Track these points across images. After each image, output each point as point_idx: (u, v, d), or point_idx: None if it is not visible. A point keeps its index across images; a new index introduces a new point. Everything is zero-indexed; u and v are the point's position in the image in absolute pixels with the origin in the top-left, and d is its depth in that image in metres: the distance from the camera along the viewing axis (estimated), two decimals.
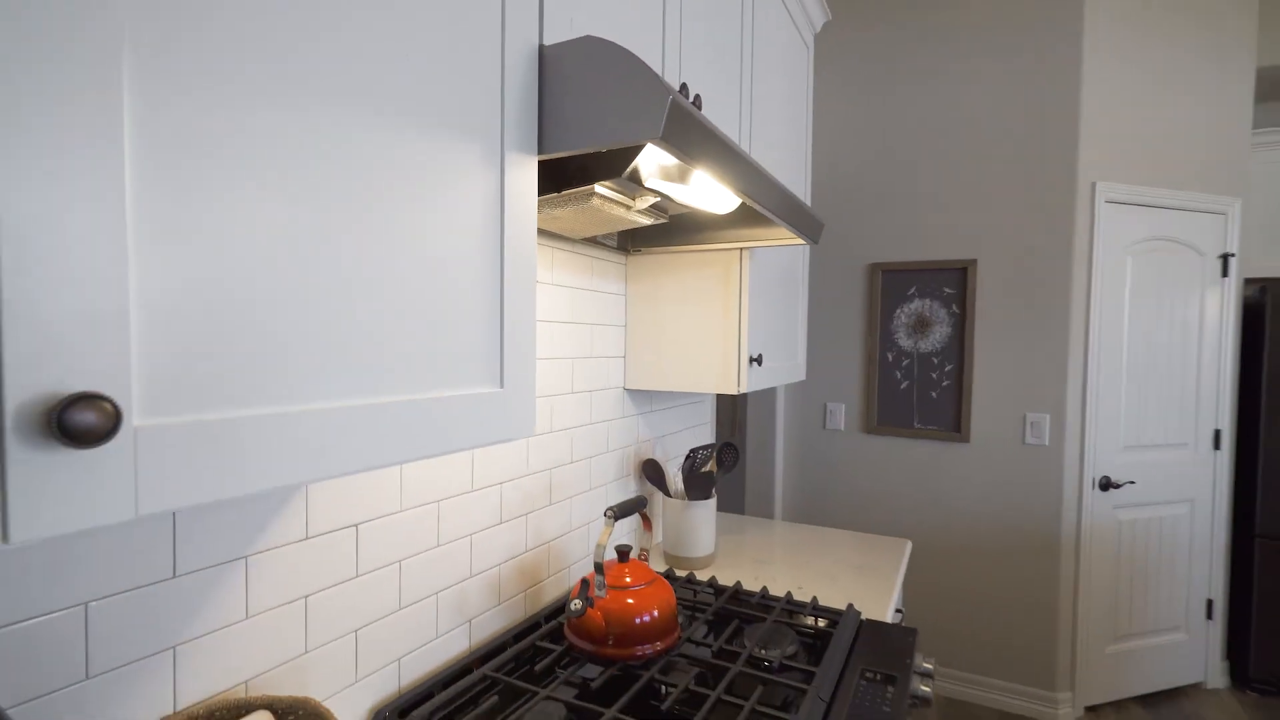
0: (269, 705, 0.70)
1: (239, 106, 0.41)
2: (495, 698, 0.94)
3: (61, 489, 0.33)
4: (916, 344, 2.62)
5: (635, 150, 0.82)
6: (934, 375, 2.59)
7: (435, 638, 1.01)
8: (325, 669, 0.84)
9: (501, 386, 0.66)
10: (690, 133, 0.69)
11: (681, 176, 0.95)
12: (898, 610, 1.46)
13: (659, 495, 1.71)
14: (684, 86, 0.97)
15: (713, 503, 1.57)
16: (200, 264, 0.40)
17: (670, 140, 0.65)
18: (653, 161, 0.90)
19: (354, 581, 0.87)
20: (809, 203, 2.45)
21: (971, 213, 2.51)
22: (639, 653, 1.02)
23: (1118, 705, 2.52)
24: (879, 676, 1.03)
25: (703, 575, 1.49)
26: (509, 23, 0.64)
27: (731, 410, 3.17)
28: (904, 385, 2.64)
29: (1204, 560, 2.63)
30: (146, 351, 0.37)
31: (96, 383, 0.34)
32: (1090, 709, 2.48)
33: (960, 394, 2.53)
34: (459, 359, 0.61)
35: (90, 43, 0.34)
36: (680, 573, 1.48)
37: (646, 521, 1.19)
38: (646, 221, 1.10)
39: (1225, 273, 2.59)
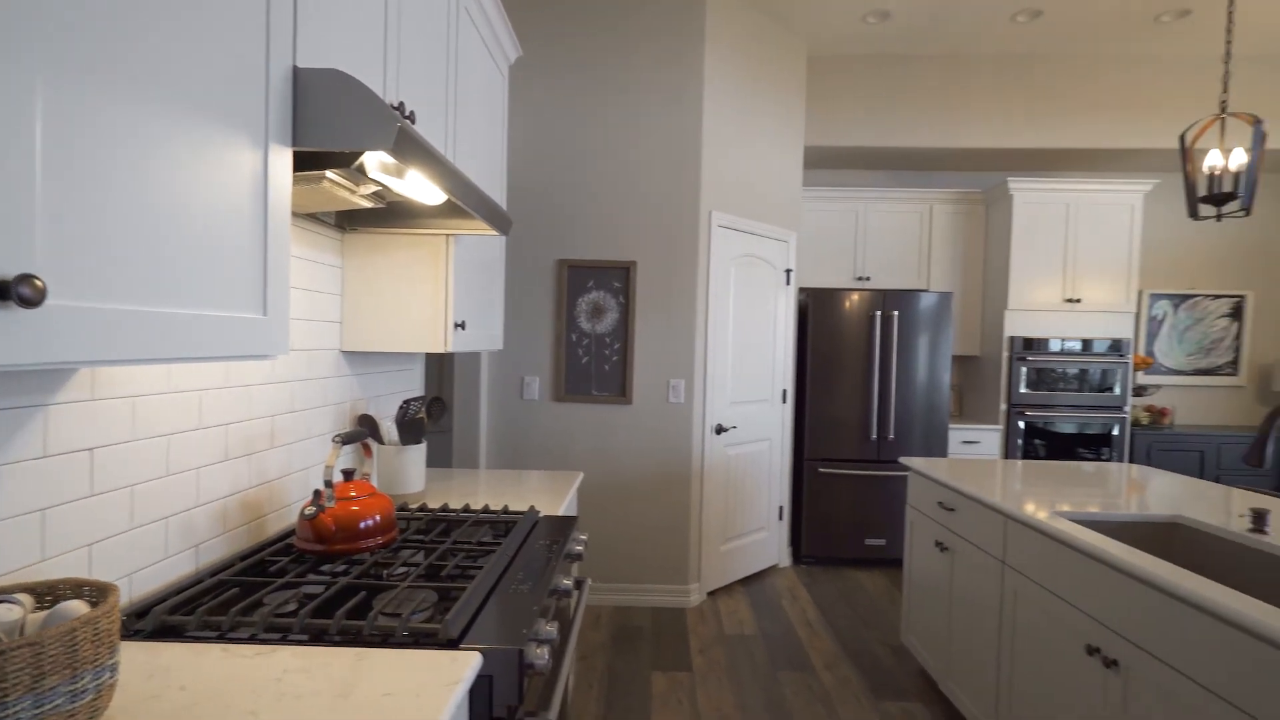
0: (27, 589, 0.81)
1: (119, 99, 0.62)
2: (235, 590, 1.11)
3: (10, 335, 0.53)
4: (594, 327, 3.24)
5: (366, 150, 1.10)
6: (607, 352, 3.24)
7: (165, 557, 1.13)
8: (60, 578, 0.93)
9: (265, 314, 0.90)
10: (410, 146, 1.02)
11: (399, 173, 1.25)
12: (573, 516, 1.96)
13: (374, 445, 1.92)
14: (402, 104, 1.27)
15: (423, 447, 1.87)
16: (72, 200, 0.60)
17: (396, 150, 0.97)
18: (376, 159, 1.19)
19: (89, 500, 0.97)
20: (505, 204, 2.87)
21: (632, 224, 3.23)
22: (364, 546, 1.28)
23: (728, 588, 3.52)
24: (549, 543, 1.48)
25: (414, 506, 1.77)
26: (272, 49, 0.89)
27: (439, 382, 3.42)
28: (585, 361, 3.25)
29: (778, 480, 3.82)
30: (46, 256, 0.57)
31: (25, 269, 0.55)
32: (711, 593, 3.43)
33: (625, 367, 3.24)
34: (235, 287, 0.84)
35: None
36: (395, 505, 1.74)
37: (367, 449, 1.44)
38: (368, 205, 1.37)
39: (788, 282, 3.81)
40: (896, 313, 3.85)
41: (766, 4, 3.45)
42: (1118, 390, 4.00)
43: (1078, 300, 4.03)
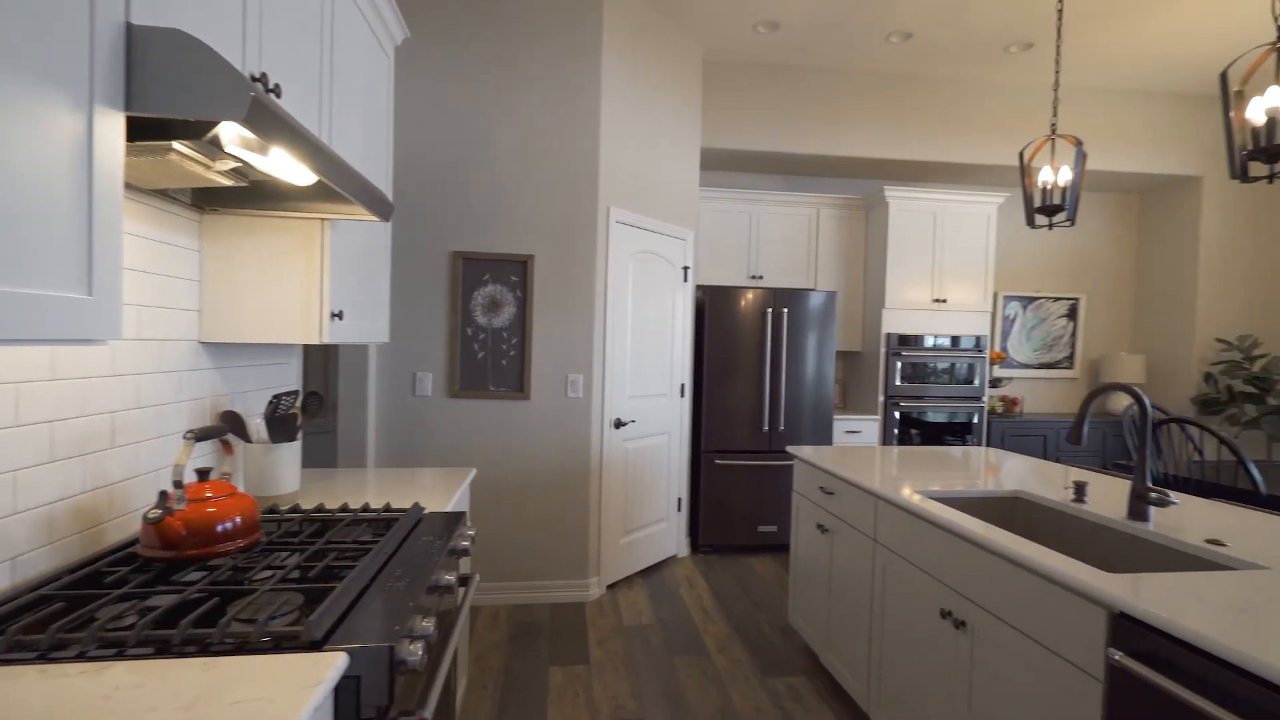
0: None
1: None
2: (60, 605, 0.99)
3: None
4: (491, 321, 3.18)
5: (217, 120, 1.02)
6: (504, 347, 3.19)
7: None
8: None
9: (90, 294, 0.81)
10: (269, 120, 0.95)
11: (262, 149, 1.17)
12: (460, 512, 1.91)
13: (238, 443, 1.78)
14: (264, 75, 1.18)
15: (297, 445, 1.75)
16: None
17: (251, 123, 0.90)
18: (234, 132, 1.10)
19: None
20: (391, 191, 2.75)
21: (531, 218, 3.19)
22: (223, 550, 1.19)
23: (628, 580, 3.56)
24: (432, 539, 1.44)
25: (286, 507, 1.66)
26: (98, 2, 0.80)
27: (324, 378, 3.22)
28: (481, 355, 3.17)
29: (677, 472, 3.91)
30: None
31: None
32: (611, 586, 3.45)
33: (523, 361, 3.19)
34: (52, 262, 0.75)
35: None
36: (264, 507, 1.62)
37: (227, 447, 1.34)
38: (226, 183, 1.26)
39: (686, 279, 3.90)
40: (786, 310, 4.05)
41: (664, 3, 3.52)
42: (977, 382, 4.43)
43: (944, 300, 4.42)
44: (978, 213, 4.45)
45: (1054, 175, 2.25)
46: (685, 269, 3.89)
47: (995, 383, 5.02)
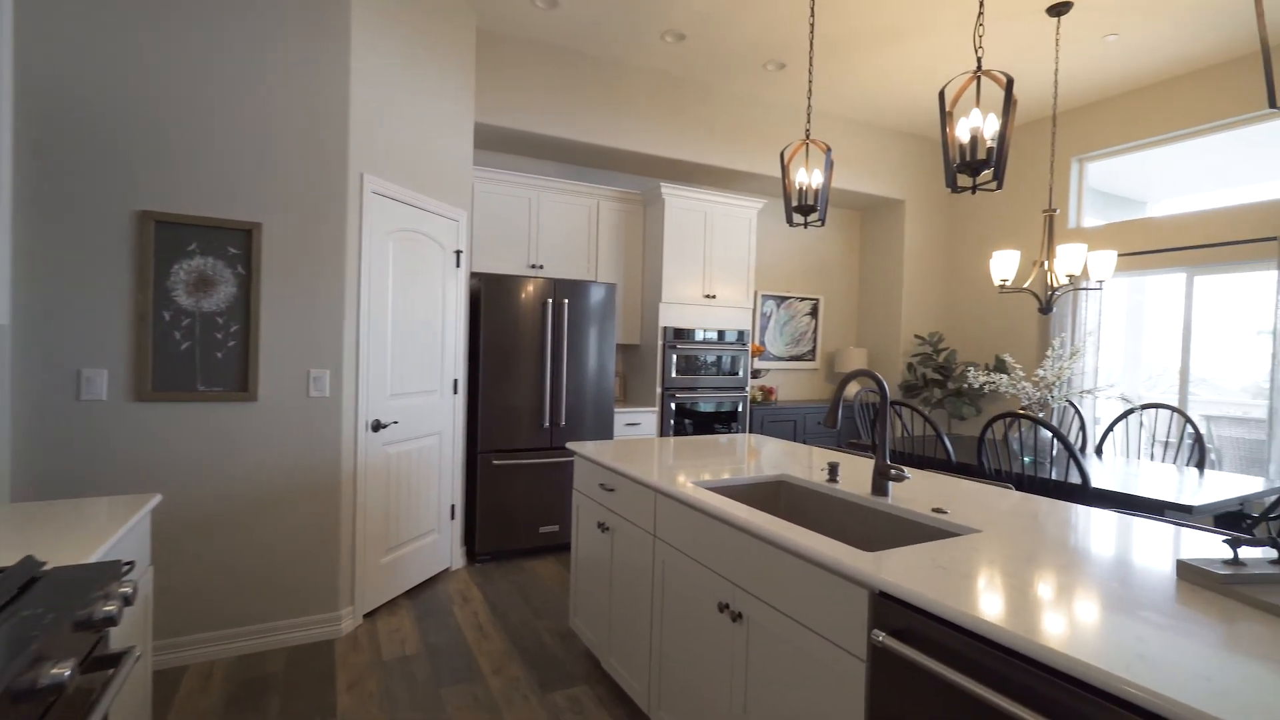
0: None
1: None
2: None
3: None
4: (199, 303, 2.51)
5: None
6: (219, 336, 2.54)
7: None
8: None
9: None
10: None
11: None
12: (116, 562, 1.39)
13: None
14: None
15: None
16: None
17: None
18: None
19: None
20: (11, 117, 2.03)
21: (258, 178, 2.58)
22: None
23: (391, 604, 3.12)
24: (44, 611, 0.97)
25: None
26: None
27: None
28: (186, 346, 2.49)
29: (449, 476, 3.55)
30: None
31: None
32: (368, 615, 2.98)
33: (247, 354, 2.58)
34: None
35: None
36: None
37: None
38: None
39: (459, 265, 3.55)
40: (568, 301, 3.92)
41: None
42: (741, 374, 4.78)
43: (714, 297, 4.68)
44: (741, 216, 4.79)
45: (808, 177, 2.43)
46: (458, 253, 3.54)
47: (755, 374, 5.50)
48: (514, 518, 3.80)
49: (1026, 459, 3.30)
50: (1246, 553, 1.30)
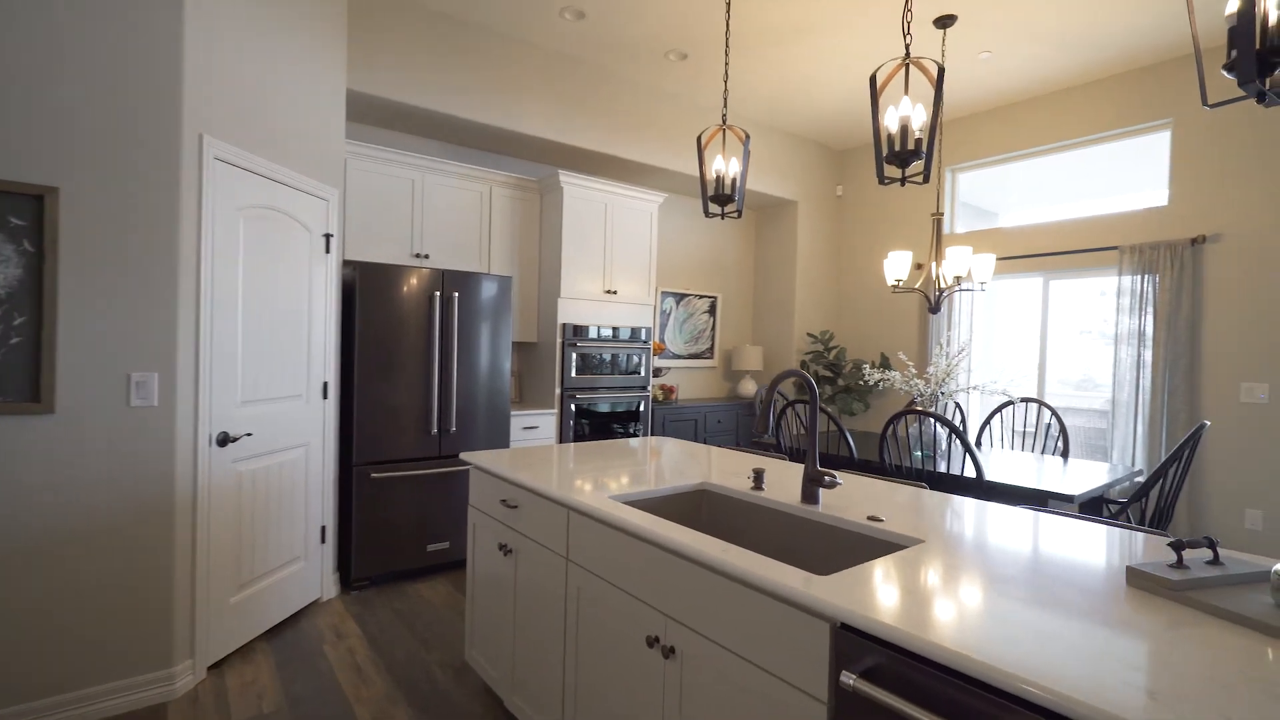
0: None
1: None
2: None
3: None
4: None
5: None
6: None
7: None
8: None
9: None
10: None
11: None
12: None
13: None
14: None
15: None
16: None
17: None
18: None
19: None
20: None
21: (52, 129, 2.03)
22: None
23: (245, 650, 2.63)
24: None
25: None
26: None
27: None
28: None
29: (319, 494, 3.08)
30: None
31: None
32: (215, 666, 2.49)
33: (39, 352, 2.03)
34: None
35: None
36: None
37: None
38: None
39: (329, 250, 3.09)
40: (458, 295, 3.56)
41: None
42: (643, 373, 4.63)
43: (615, 292, 4.49)
44: (643, 209, 4.64)
45: (726, 165, 2.29)
46: (328, 237, 3.08)
47: (657, 372, 5.38)
48: (397, 536, 3.38)
49: (919, 454, 3.41)
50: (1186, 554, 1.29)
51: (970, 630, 0.94)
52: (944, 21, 3.70)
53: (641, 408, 4.62)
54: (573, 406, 4.25)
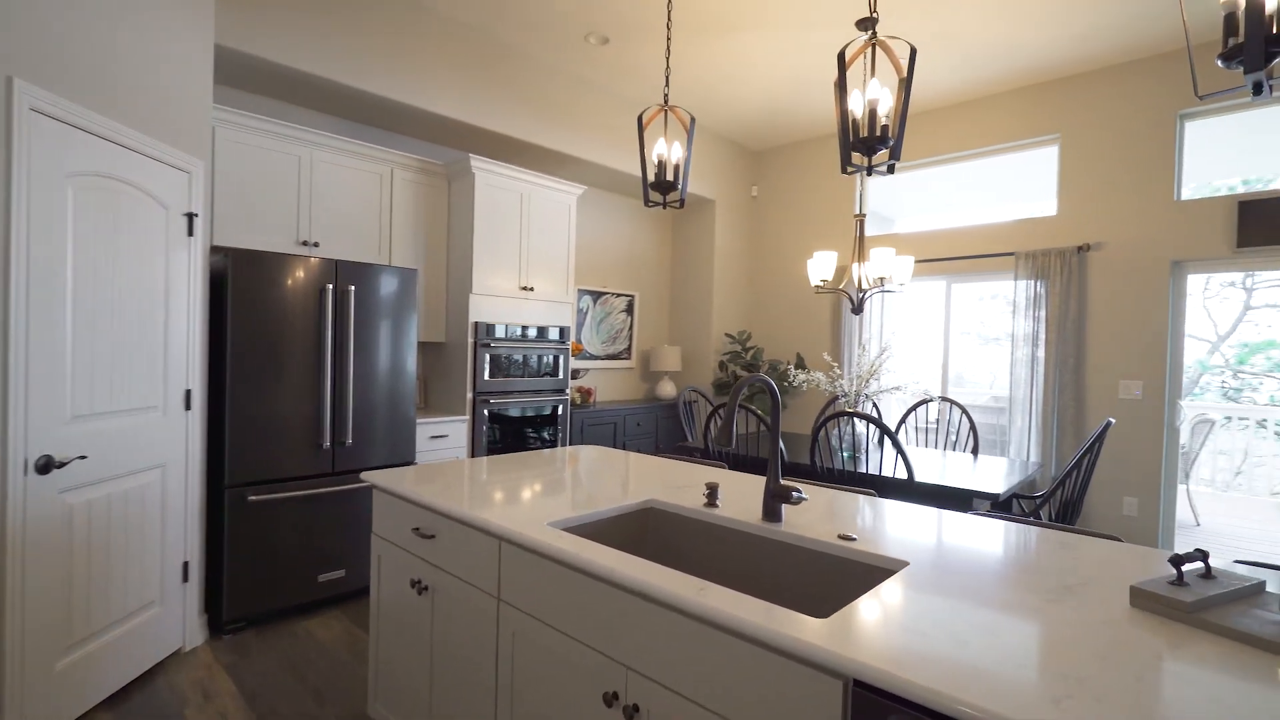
0: None
1: None
2: None
3: None
4: None
5: None
6: None
7: None
8: None
9: None
10: None
11: None
12: None
13: None
14: None
15: None
16: None
17: None
18: None
19: None
20: None
21: None
22: None
23: None
24: None
25: None
26: None
27: None
28: None
29: (179, 524, 2.58)
30: None
31: None
32: None
33: None
34: None
35: None
36: None
37: None
38: None
39: (192, 233, 2.60)
40: (354, 289, 3.14)
41: None
42: (562, 375, 4.36)
43: (531, 289, 4.19)
44: (561, 202, 4.37)
45: (668, 150, 2.10)
46: (190, 217, 2.58)
47: (575, 374, 5.12)
48: (281, 567, 2.92)
49: (845, 454, 3.40)
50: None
51: (1004, 684, 0.80)
52: (865, 24, 3.72)
53: (560, 411, 4.35)
54: (486, 412, 3.92)
